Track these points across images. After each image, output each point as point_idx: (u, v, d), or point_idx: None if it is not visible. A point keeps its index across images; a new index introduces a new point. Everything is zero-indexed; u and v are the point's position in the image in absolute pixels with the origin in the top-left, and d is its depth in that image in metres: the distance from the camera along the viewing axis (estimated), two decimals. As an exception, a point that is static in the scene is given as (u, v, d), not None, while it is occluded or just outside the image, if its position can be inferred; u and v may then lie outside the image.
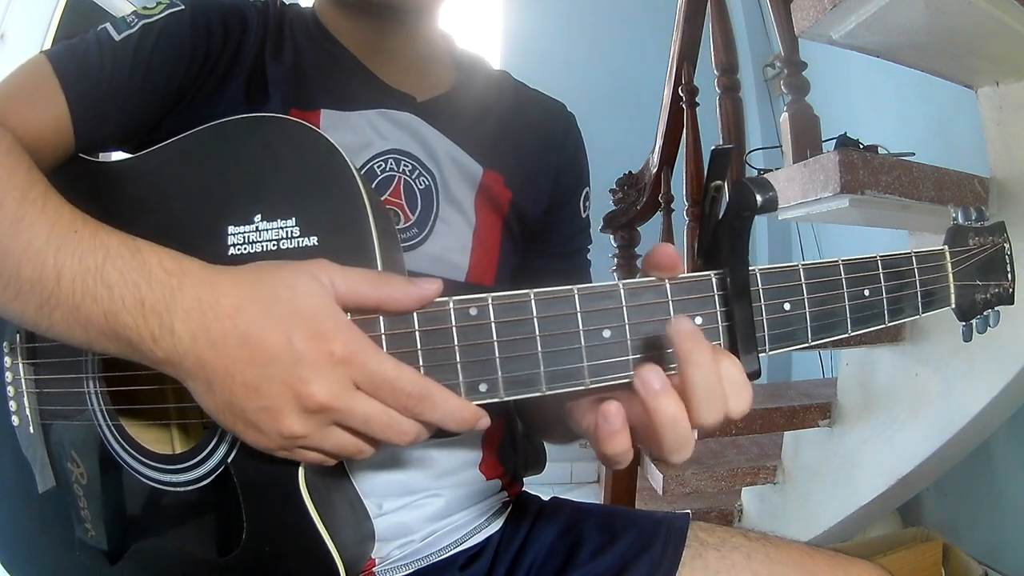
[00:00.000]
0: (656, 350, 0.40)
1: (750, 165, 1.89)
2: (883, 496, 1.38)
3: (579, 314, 0.39)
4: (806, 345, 0.42)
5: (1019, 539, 1.56)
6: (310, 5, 0.66)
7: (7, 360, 0.55)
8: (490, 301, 0.39)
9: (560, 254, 0.74)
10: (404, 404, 0.38)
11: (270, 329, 0.37)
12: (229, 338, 0.37)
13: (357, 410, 0.38)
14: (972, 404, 1.20)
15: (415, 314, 0.39)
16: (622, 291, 0.40)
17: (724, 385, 0.38)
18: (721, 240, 0.40)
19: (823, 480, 1.51)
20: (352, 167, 0.43)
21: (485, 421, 0.40)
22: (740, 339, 0.40)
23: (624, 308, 0.40)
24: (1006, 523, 1.60)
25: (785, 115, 1.32)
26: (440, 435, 0.41)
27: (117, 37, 0.52)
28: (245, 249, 0.43)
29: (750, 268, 0.40)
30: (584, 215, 0.76)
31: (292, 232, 0.42)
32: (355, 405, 0.38)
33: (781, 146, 1.37)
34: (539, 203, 0.70)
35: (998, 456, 1.61)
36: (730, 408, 0.38)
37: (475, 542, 0.64)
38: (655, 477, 1.54)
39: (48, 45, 1.91)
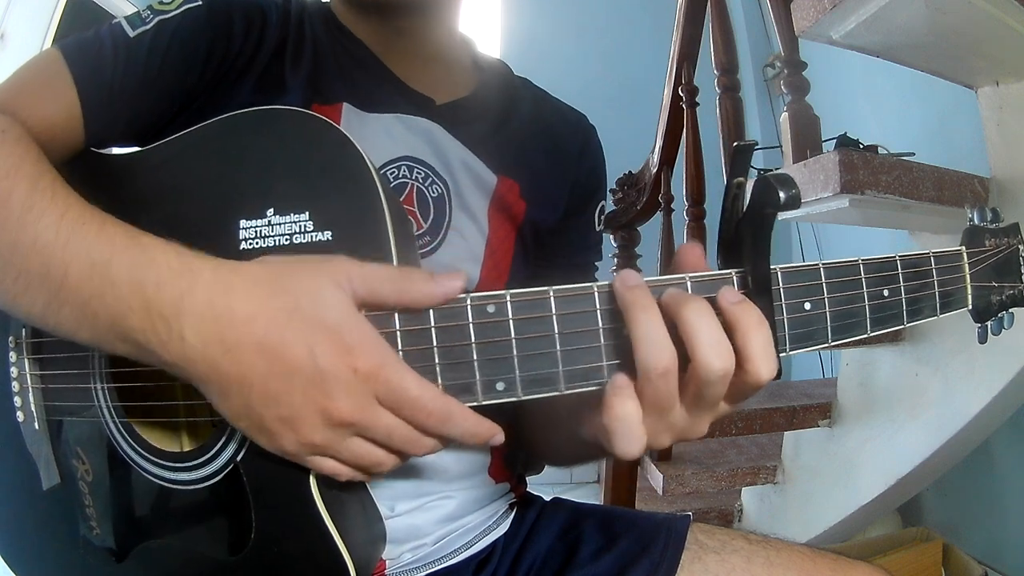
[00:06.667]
0: (677, 347, 0.38)
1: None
2: (883, 496, 1.38)
3: (599, 311, 0.39)
4: (825, 345, 0.41)
5: (1019, 539, 1.57)
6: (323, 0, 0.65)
7: (12, 355, 0.54)
8: (508, 298, 0.38)
9: (567, 265, 0.72)
10: (424, 423, 0.38)
11: (291, 341, 0.36)
12: (245, 346, 0.36)
13: (380, 424, 0.38)
14: (972, 404, 1.20)
15: (431, 310, 0.39)
16: None
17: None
18: (742, 237, 0.39)
19: (823, 480, 1.51)
20: (367, 160, 0.42)
21: (500, 437, 0.40)
22: None
23: None
24: (1006, 523, 1.61)
25: (785, 115, 1.32)
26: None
27: (132, 34, 0.52)
28: (257, 243, 0.42)
29: (771, 267, 0.40)
30: (598, 229, 0.74)
31: (306, 226, 0.41)
32: (378, 419, 0.37)
33: (781, 146, 1.37)
34: (555, 213, 0.69)
35: (998, 456, 1.61)
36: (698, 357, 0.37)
37: (485, 544, 0.63)
38: (655, 477, 1.54)
39: (48, 45, 1.90)
